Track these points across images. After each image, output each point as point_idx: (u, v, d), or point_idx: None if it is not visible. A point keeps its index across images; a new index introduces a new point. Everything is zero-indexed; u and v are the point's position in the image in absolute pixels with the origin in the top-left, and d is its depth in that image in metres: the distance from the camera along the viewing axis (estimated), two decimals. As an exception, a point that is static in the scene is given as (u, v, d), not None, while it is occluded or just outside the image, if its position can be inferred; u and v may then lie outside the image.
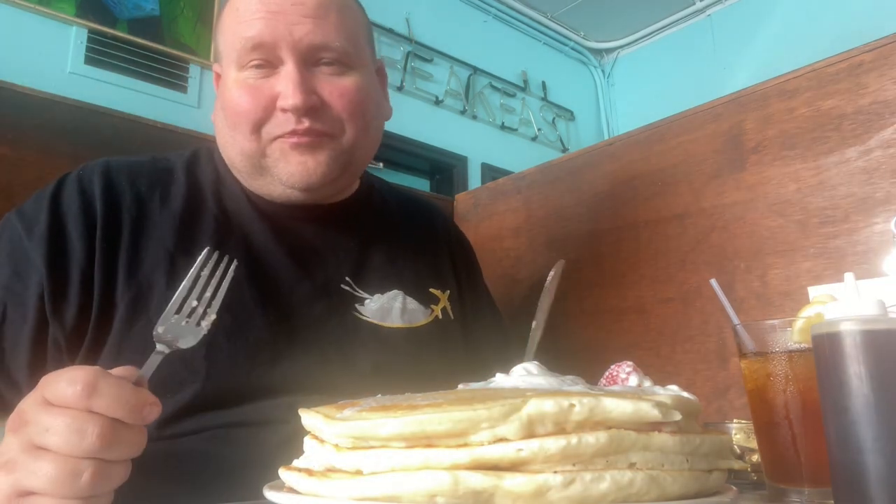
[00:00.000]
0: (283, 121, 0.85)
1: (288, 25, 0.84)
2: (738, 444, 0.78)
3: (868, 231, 1.01)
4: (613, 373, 0.68)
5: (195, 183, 0.92)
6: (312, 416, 0.52)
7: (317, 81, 0.87)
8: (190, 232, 0.86)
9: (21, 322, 0.76)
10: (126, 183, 0.86)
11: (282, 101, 0.84)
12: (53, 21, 2.55)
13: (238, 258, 0.82)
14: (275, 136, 0.86)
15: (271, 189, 0.91)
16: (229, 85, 0.87)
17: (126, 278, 0.80)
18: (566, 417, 0.45)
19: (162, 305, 0.71)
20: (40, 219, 0.80)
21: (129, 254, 0.81)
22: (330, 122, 0.87)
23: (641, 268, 1.29)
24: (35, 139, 1.11)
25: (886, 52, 1.02)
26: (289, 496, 0.48)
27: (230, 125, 0.88)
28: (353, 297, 0.93)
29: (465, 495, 0.43)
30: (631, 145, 1.36)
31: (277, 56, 0.85)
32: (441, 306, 1.01)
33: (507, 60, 4.29)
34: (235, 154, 0.89)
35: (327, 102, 0.87)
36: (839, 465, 0.52)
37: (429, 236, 1.10)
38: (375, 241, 1.00)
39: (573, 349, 1.38)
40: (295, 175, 0.87)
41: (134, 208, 0.84)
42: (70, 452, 0.48)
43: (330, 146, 0.88)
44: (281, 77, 0.85)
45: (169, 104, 2.74)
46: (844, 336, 0.53)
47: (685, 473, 0.48)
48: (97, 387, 0.49)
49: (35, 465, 0.49)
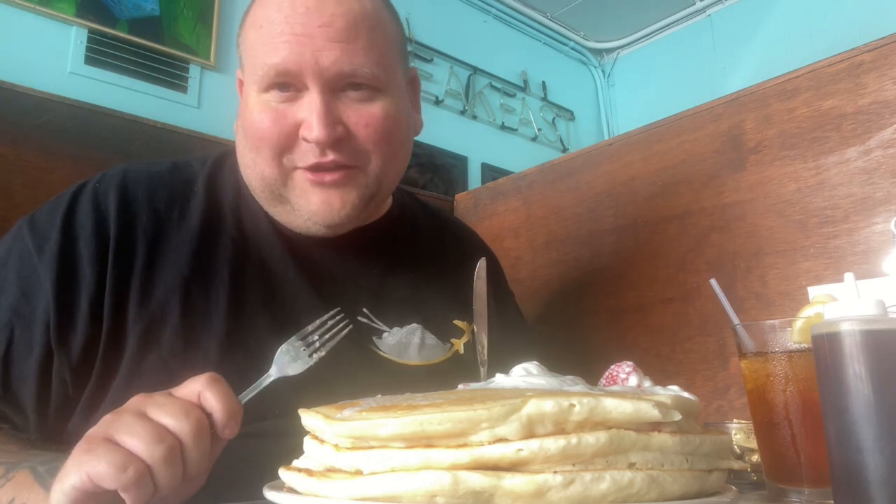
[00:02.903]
0: (306, 151, 0.81)
1: (314, 52, 0.78)
2: (738, 444, 0.78)
3: (868, 231, 1.01)
4: (613, 373, 0.68)
5: (215, 201, 0.88)
6: (312, 417, 0.52)
7: (343, 109, 0.81)
8: (207, 256, 0.83)
9: (27, 351, 0.74)
10: (143, 199, 0.83)
11: (305, 131, 0.80)
12: (53, 21, 2.54)
13: (255, 284, 0.84)
14: (297, 166, 0.82)
15: (291, 219, 0.87)
16: (251, 105, 0.83)
17: (138, 307, 0.76)
18: (566, 417, 0.45)
19: (174, 338, 0.75)
20: (52, 237, 0.77)
21: (143, 279, 0.78)
22: (355, 153, 0.82)
23: (641, 268, 1.29)
24: (35, 139, 1.11)
25: (886, 52, 1.02)
26: (289, 496, 0.48)
27: (251, 147, 0.84)
28: (370, 329, 0.89)
29: (465, 495, 0.43)
30: (631, 145, 1.36)
31: (302, 82, 0.80)
32: (464, 340, 0.97)
33: (507, 60, 4.28)
34: (255, 178, 0.86)
35: (353, 132, 0.82)
36: (839, 465, 0.52)
37: (458, 261, 1.03)
38: (399, 267, 0.96)
39: (573, 349, 1.38)
40: (318, 214, 0.83)
41: (150, 229, 0.81)
42: (176, 430, 0.55)
43: (355, 181, 0.83)
44: (305, 105, 0.80)
45: (169, 104, 2.74)
46: (844, 336, 0.53)
47: (685, 473, 0.48)
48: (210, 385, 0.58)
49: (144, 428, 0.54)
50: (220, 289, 0.81)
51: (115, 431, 0.54)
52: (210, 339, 0.77)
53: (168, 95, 2.77)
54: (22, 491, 0.62)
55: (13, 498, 0.61)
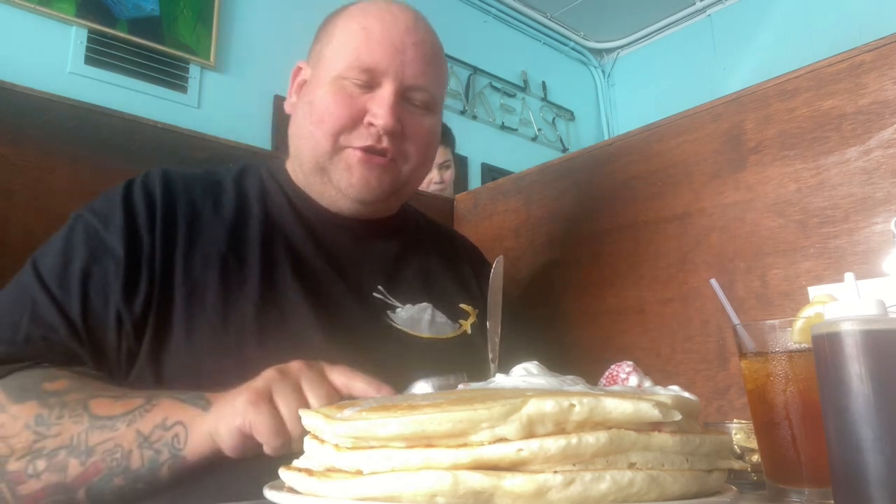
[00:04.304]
0: (364, 134, 0.93)
1: (403, 64, 0.94)
2: (738, 444, 0.78)
3: (868, 231, 1.01)
4: (613, 373, 0.68)
5: (243, 193, 0.99)
6: (312, 417, 0.52)
7: (404, 113, 0.96)
8: (239, 235, 0.93)
9: (103, 305, 0.82)
10: (182, 191, 0.93)
11: (371, 117, 0.93)
12: (53, 21, 2.55)
13: (282, 258, 0.94)
14: (352, 145, 0.94)
15: (322, 190, 0.99)
16: (326, 84, 0.95)
17: (183, 276, 0.86)
18: (566, 417, 0.45)
19: (217, 302, 0.86)
20: (115, 213, 0.87)
21: (185, 252, 0.87)
22: (401, 150, 0.96)
23: (641, 268, 1.29)
24: (35, 139, 1.10)
25: (886, 52, 1.02)
26: (289, 496, 0.48)
27: (314, 121, 0.95)
28: (384, 304, 0.98)
29: (466, 495, 0.43)
30: (631, 145, 1.36)
31: (380, 81, 0.94)
32: (471, 322, 1.06)
33: (507, 60, 4.29)
34: (308, 148, 0.96)
35: (406, 133, 0.96)
36: (839, 465, 0.52)
37: (459, 259, 1.17)
38: (408, 255, 1.07)
39: (573, 349, 1.38)
40: (354, 187, 0.95)
41: (189, 214, 0.91)
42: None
43: (393, 172, 0.97)
44: (377, 97, 0.94)
45: (169, 104, 2.74)
46: (844, 336, 0.53)
47: (685, 473, 0.48)
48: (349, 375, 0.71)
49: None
50: (252, 261, 0.91)
51: (276, 394, 0.67)
52: (247, 301, 0.87)
53: (168, 95, 2.78)
54: (173, 412, 0.72)
55: (165, 417, 0.72)
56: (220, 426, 0.68)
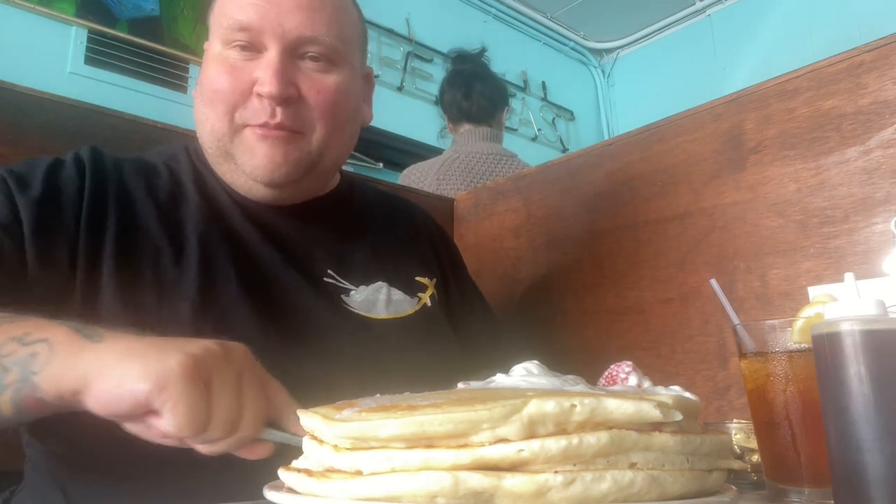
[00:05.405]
0: (257, 109, 0.84)
1: (279, 15, 0.84)
2: (738, 444, 0.78)
3: (868, 231, 1.01)
4: (613, 373, 0.68)
5: (176, 176, 0.92)
6: (311, 417, 0.52)
7: (298, 74, 0.86)
8: (176, 222, 0.86)
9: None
10: (113, 175, 0.87)
11: (258, 86, 0.84)
12: (53, 21, 2.54)
13: (223, 247, 0.86)
14: (247, 122, 0.85)
15: (235, 178, 0.91)
16: (211, 60, 0.88)
17: (112, 269, 0.78)
18: (567, 418, 0.45)
19: (148, 296, 0.78)
20: (34, 185, 0.79)
21: (115, 242, 0.80)
22: (302, 119, 0.86)
23: (641, 268, 1.29)
24: (35, 139, 1.10)
25: (886, 52, 1.02)
26: (289, 496, 0.48)
27: (206, 101, 0.88)
28: (337, 288, 0.92)
29: (466, 496, 0.43)
30: (631, 145, 1.36)
31: (262, 42, 0.85)
32: (429, 293, 1.01)
33: (507, 60, 4.28)
34: (207, 133, 0.89)
35: (304, 97, 0.86)
36: (839, 464, 0.52)
37: (411, 230, 1.10)
38: (356, 236, 1.00)
39: (573, 349, 1.38)
40: (259, 168, 0.86)
41: (121, 199, 0.84)
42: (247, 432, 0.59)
43: (298, 144, 0.87)
44: (262, 63, 0.84)
45: (169, 104, 2.74)
46: (844, 336, 0.53)
47: (686, 473, 0.48)
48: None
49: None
50: (190, 252, 0.83)
51: (216, 380, 0.57)
52: (184, 296, 0.80)
53: (168, 95, 2.77)
54: (45, 330, 0.61)
55: (28, 332, 0.60)
56: (111, 375, 0.55)
